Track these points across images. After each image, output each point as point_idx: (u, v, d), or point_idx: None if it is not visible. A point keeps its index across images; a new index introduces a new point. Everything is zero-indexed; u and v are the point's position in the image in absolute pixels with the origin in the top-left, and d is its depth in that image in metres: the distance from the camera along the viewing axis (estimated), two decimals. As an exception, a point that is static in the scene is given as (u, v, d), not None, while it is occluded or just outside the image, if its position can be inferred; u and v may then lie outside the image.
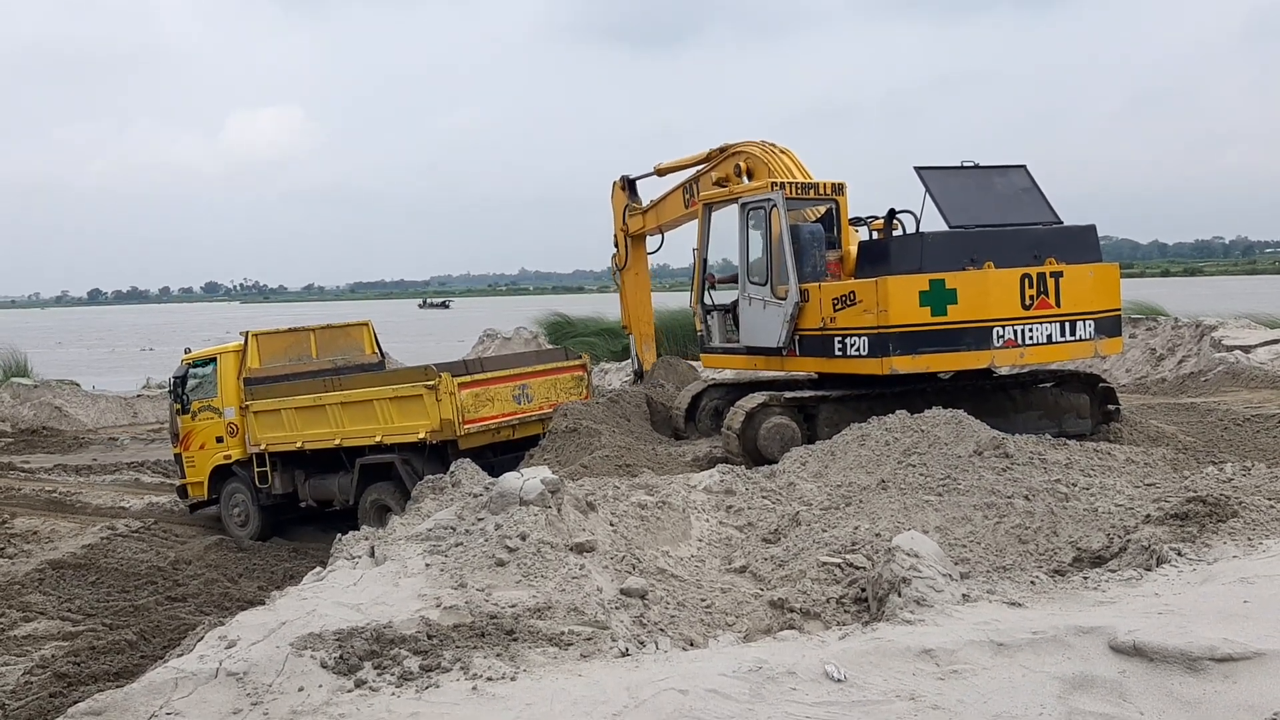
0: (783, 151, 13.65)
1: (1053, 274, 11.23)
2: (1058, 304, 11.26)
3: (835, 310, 11.45)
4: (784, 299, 11.99)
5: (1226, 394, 16.28)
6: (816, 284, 11.79)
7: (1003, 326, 11.05)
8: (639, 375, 16.41)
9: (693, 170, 15.06)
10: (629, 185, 16.32)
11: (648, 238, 16.21)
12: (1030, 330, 11.17)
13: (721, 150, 14.39)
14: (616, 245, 16.54)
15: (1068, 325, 11.36)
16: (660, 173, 15.85)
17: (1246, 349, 18.87)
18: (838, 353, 11.50)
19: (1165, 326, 21.97)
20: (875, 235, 12.63)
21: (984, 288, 11.04)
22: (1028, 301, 11.13)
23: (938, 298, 10.90)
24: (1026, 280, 11.14)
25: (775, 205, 12.06)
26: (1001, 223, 11.61)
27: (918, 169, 11.61)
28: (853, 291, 11.32)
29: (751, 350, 12.71)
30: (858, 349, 11.25)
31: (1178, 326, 21.64)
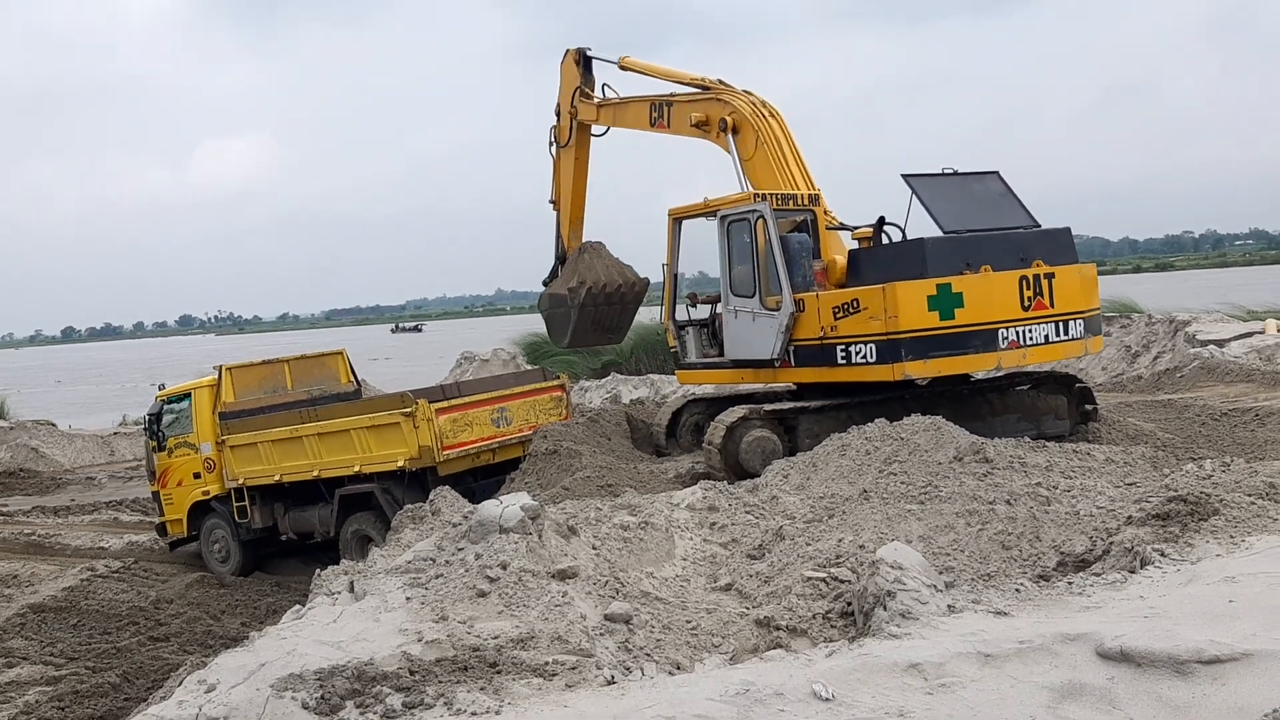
0: (771, 115, 13.22)
1: (1045, 275, 11.40)
2: (1051, 304, 11.46)
3: (836, 319, 11.37)
4: (776, 310, 11.85)
5: (1203, 389, 16.36)
6: (813, 293, 11.69)
7: (1006, 328, 11.19)
8: (560, 260, 15.88)
9: (668, 88, 14.35)
10: (584, 62, 15.28)
11: (594, 126, 15.48)
12: (1030, 331, 11.34)
13: (706, 87, 13.79)
14: (558, 117, 15.66)
15: (1061, 325, 11.60)
16: (624, 67, 15.06)
17: (1220, 343, 18.98)
18: (840, 361, 11.41)
19: (1139, 323, 22.08)
20: (859, 244, 12.60)
21: (988, 291, 11.16)
22: (1026, 303, 11.31)
23: (945, 302, 10.95)
24: (1024, 282, 11.31)
25: (762, 216, 11.91)
26: (990, 227, 11.75)
27: (905, 176, 11.65)
28: (856, 299, 11.24)
29: (739, 363, 12.55)
30: (864, 356, 11.19)
31: (1152, 323, 21.76)
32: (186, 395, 15.02)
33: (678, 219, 13.21)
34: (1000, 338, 11.13)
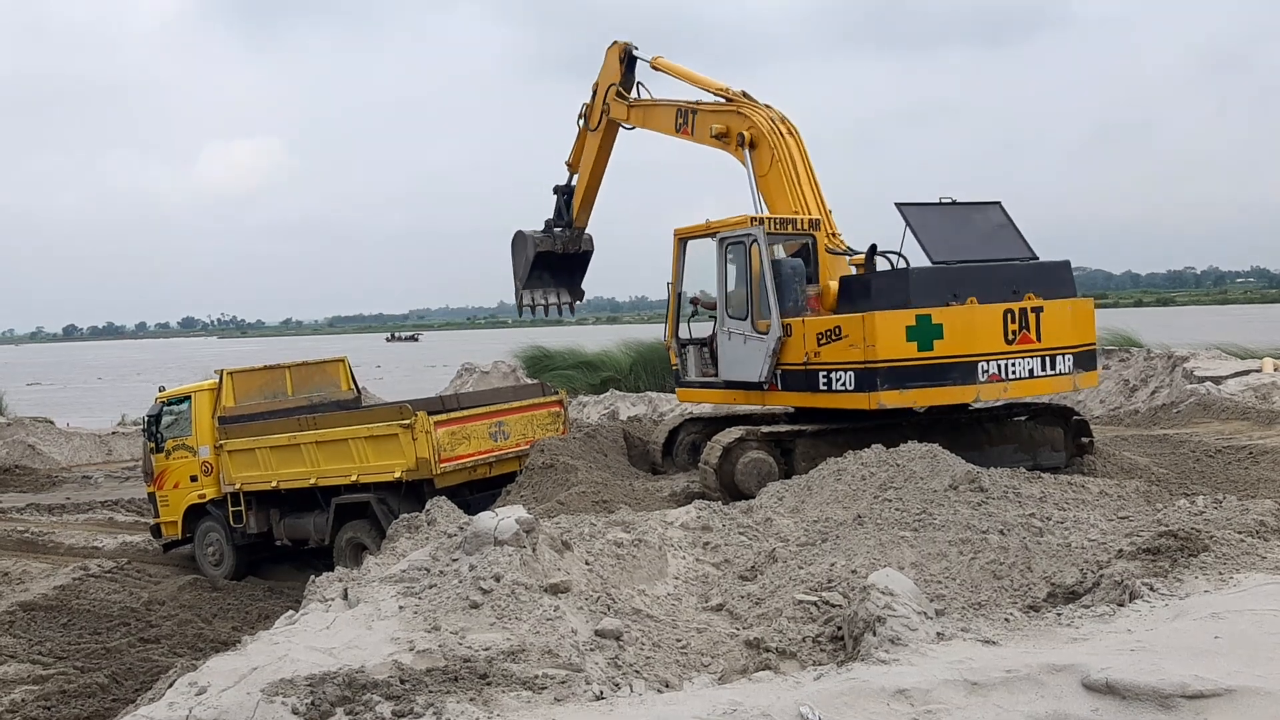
0: (789, 133, 13.29)
1: (1034, 309, 11.40)
2: (1038, 339, 11.45)
3: (820, 345, 11.47)
4: (765, 333, 11.98)
5: (1198, 425, 16.39)
6: (800, 319, 11.79)
7: (987, 361, 11.20)
8: (568, 224, 16.88)
9: (695, 96, 14.59)
10: (628, 60, 15.60)
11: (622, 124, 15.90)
12: (1013, 365, 11.33)
13: (730, 98, 13.95)
14: (593, 96, 16.01)
15: (1048, 359, 11.55)
16: (655, 67, 15.36)
17: (1217, 380, 19.03)
18: (822, 387, 11.50)
19: (1138, 358, 22.14)
20: (855, 270, 12.68)
21: (969, 323, 11.19)
22: (1010, 336, 11.30)
23: (924, 333, 11.01)
24: (1009, 315, 11.30)
25: (755, 240, 12.07)
26: (982, 259, 11.77)
27: (899, 205, 11.71)
28: (838, 326, 11.34)
29: (730, 385, 12.68)
30: (843, 383, 11.28)
31: (1150, 358, 21.82)
32: (186, 398, 15.06)
33: (683, 239, 13.31)
34: (980, 370, 11.15)
